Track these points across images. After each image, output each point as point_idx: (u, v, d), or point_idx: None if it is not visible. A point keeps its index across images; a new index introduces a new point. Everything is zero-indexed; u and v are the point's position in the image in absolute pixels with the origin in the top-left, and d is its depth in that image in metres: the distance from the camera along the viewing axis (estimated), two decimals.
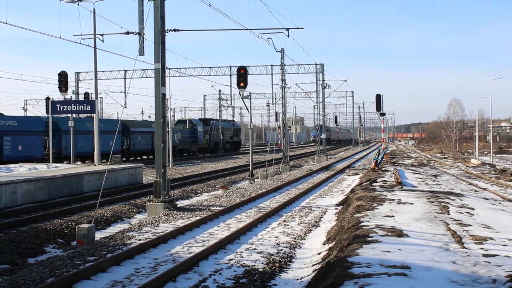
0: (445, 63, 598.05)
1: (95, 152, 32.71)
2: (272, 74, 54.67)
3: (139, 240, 14.50)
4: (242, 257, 12.75)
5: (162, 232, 15.39)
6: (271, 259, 12.59)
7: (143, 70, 57.21)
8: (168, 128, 39.93)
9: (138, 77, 57.68)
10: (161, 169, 20.10)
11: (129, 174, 30.61)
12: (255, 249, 13.67)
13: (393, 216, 14.86)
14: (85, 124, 44.79)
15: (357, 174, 38.22)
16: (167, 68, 23.74)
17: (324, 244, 14.45)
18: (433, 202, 18.25)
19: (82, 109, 31.55)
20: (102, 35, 32.71)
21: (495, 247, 10.84)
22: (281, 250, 13.68)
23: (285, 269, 11.94)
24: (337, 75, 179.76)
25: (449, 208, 16.76)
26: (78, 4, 28.04)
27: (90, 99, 49.08)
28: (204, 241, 14.59)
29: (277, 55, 44.83)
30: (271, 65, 54.75)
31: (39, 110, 77.49)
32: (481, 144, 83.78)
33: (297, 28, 31.03)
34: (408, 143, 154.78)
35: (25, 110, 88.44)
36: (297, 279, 11.15)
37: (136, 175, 31.44)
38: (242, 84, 26.94)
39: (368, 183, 26.66)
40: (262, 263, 12.20)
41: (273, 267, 11.87)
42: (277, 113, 54.99)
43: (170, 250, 13.47)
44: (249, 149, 36.49)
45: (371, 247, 10.76)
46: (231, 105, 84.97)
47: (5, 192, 20.92)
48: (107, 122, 50.19)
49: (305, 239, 15.31)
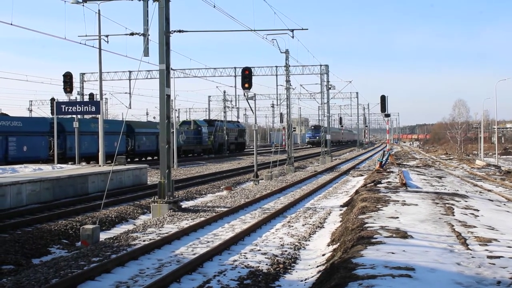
0: (450, 64, 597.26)
1: (100, 153, 32.74)
2: (276, 75, 54.67)
3: (144, 241, 14.51)
4: (247, 258, 12.75)
5: (167, 233, 15.40)
6: (275, 260, 12.59)
7: (148, 71, 57.30)
8: (173, 129, 39.97)
9: (143, 78, 57.74)
10: (165, 170, 20.11)
11: (133, 175, 30.64)
12: (259, 250, 13.66)
13: (397, 218, 14.84)
14: (90, 125, 44.87)
15: (361, 175, 38.17)
16: (171, 69, 23.73)
17: (328, 245, 14.43)
18: (437, 203, 18.22)
19: (87, 110, 31.62)
20: (107, 36, 32.80)
21: (499, 248, 10.81)
22: (286, 251, 13.67)
23: (289, 270, 11.93)
24: (342, 76, 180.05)
25: (453, 209, 16.72)
26: (83, 5, 28.06)
27: (95, 100, 49.16)
28: (208, 242, 14.59)
29: (282, 56, 44.93)
30: (276, 66, 54.75)
31: (44, 111, 77.58)
32: (486, 146, 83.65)
33: (302, 29, 31.03)
34: (413, 144, 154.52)
35: (30, 111, 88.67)
36: (301, 280, 11.14)
37: (140, 176, 31.47)
38: (246, 85, 26.94)
39: (372, 184, 26.61)
40: (266, 264, 12.19)
41: (277, 268, 11.87)
42: (281, 114, 55.05)
43: (174, 251, 13.48)
44: (253, 150, 36.49)
45: (375, 249, 10.75)
46: (235, 106, 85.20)
47: (10, 192, 20.96)
48: (112, 123, 50.23)
49: (309, 240, 15.30)
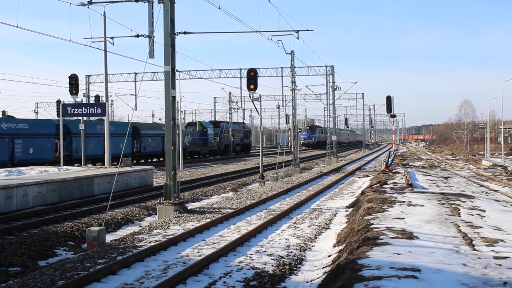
0: (457, 64, 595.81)
1: (105, 154, 32.80)
2: (282, 76, 54.70)
3: (150, 242, 14.52)
4: (252, 259, 12.75)
5: (173, 235, 15.41)
6: (281, 261, 12.59)
7: (153, 72, 57.40)
8: (179, 131, 40.00)
9: (149, 79, 57.86)
10: (171, 172, 20.13)
11: (139, 177, 30.67)
12: (265, 251, 13.66)
13: (403, 218, 14.81)
14: (95, 126, 44.94)
15: (367, 176, 38.15)
16: (177, 71, 23.76)
17: (334, 246, 14.42)
18: (443, 204, 18.18)
19: (93, 112, 31.70)
20: (113, 38, 32.84)
21: (506, 249, 10.77)
22: (291, 252, 13.67)
23: (295, 272, 11.93)
24: (347, 77, 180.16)
25: (459, 210, 16.68)
26: (89, 7, 28.14)
27: (100, 102, 49.29)
28: (214, 243, 14.60)
29: (287, 57, 44.89)
30: (281, 67, 54.78)
31: (50, 113, 77.85)
32: (493, 146, 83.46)
33: (307, 30, 31.10)
34: (419, 145, 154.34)
35: (36, 113, 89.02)
36: (307, 282, 11.13)
37: (146, 177, 31.50)
38: (252, 87, 26.95)
39: (378, 185, 26.58)
40: (272, 265, 12.19)
41: (283, 270, 11.87)
42: (287, 115, 55.04)
43: (180, 252, 13.49)
44: (259, 151, 36.49)
45: (381, 250, 10.73)
46: (241, 107, 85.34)
47: (17, 194, 21.03)
48: (118, 124, 50.30)
49: (315, 242, 15.29)
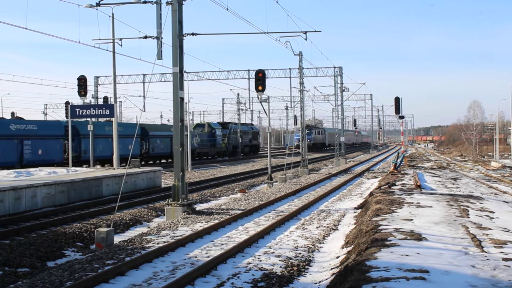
0: (465, 65, 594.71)
1: (114, 156, 32.88)
2: (290, 78, 54.82)
3: (158, 243, 14.53)
4: (261, 260, 12.74)
5: (181, 236, 15.41)
6: (289, 262, 12.57)
7: (161, 74, 57.60)
8: (187, 132, 40.02)
9: (157, 81, 58.05)
10: (179, 173, 20.15)
11: (147, 178, 30.71)
12: (273, 252, 13.65)
13: (412, 220, 14.78)
14: (104, 128, 45.03)
15: (376, 178, 38.08)
16: (185, 72, 23.80)
17: (342, 247, 14.40)
18: (452, 205, 18.13)
19: (101, 113, 31.76)
20: (121, 39, 32.89)
21: None
22: (300, 253, 13.65)
23: (303, 273, 11.91)
24: (355, 78, 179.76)
25: (468, 211, 16.63)
26: (97, 9, 28.21)
27: (109, 103, 49.38)
28: (222, 244, 14.60)
29: (295, 58, 44.88)
30: (289, 69, 54.88)
31: (58, 114, 78.17)
32: (502, 147, 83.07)
33: (315, 31, 30.99)
34: (427, 146, 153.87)
35: (45, 114, 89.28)
36: (315, 283, 11.12)
37: (154, 178, 31.54)
38: (260, 88, 26.92)
39: (387, 186, 26.52)
40: (280, 266, 12.18)
41: (291, 271, 11.85)
42: (295, 117, 54.96)
43: (188, 253, 13.49)
44: (267, 153, 36.48)
45: (389, 251, 10.71)
46: (249, 108, 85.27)
47: (25, 195, 21.09)
48: (126, 126, 50.39)
49: (323, 243, 15.27)
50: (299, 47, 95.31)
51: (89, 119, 35.24)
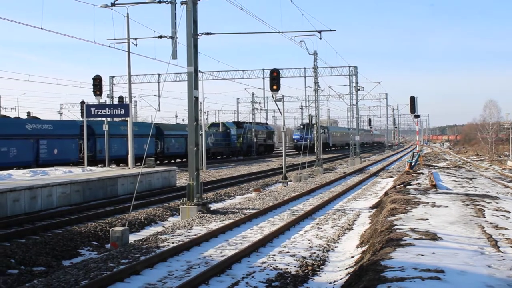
0: (481, 64, 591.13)
1: (129, 155, 32.99)
2: (305, 77, 54.69)
3: (172, 242, 14.56)
4: (275, 260, 12.72)
5: (195, 235, 15.43)
6: (304, 262, 12.55)
7: (176, 73, 57.62)
8: (202, 131, 40.07)
9: (172, 80, 58.13)
10: (194, 172, 20.17)
11: (162, 177, 30.77)
12: (288, 252, 13.63)
13: (427, 219, 14.70)
14: (119, 127, 45.20)
15: (391, 177, 37.94)
16: (200, 72, 23.83)
17: (357, 247, 14.35)
18: (468, 205, 18.02)
19: (116, 112, 31.89)
20: (136, 39, 32.98)
21: None
22: (314, 253, 13.62)
23: (318, 273, 11.89)
24: (370, 77, 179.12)
25: (484, 211, 16.52)
26: (112, 9, 28.26)
27: (124, 102, 49.55)
28: (237, 244, 14.60)
29: (310, 57, 44.84)
30: (304, 68, 54.76)
31: (74, 114, 78.59)
32: None
33: (330, 30, 30.97)
34: (443, 145, 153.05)
35: (61, 114, 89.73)
36: (330, 283, 11.09)
37: (169, 178, 31.60)
38: (275, 87, 26.89)
39: (402, 186, 26.41)
40: (295, 266, 12.16)
41: (306, 270, 11.83)
42: (310, 116, 54.84)
43: (203, 253, 13.50)
44: (282, 152, 36.43)
45: (404, 251, 10.66)
46: (264, 108, 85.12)
47: (41, 195, 21.21)
48: (141, 125, 50.53)
49: (338, 242, 15.24)
50: (313, 46, 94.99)
51: (104, 118, 35.43)
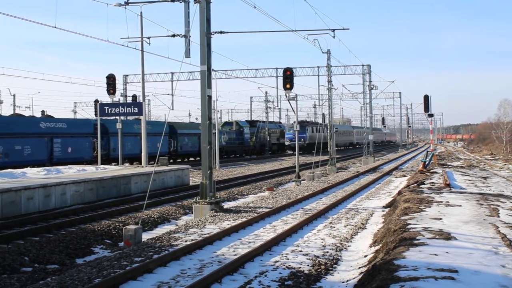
0: (495, 63, 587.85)
1: (142, 154, 33.08)
2: (318, 76, 54.49)
3: (185, 241, 14.57)
4: (288, 259, 12.71)
5: (208, 234, 15.44)
6: (316, 261, 12.52)
7: (189, 72, 57.59)
8: (215, 130, 40.11)
9: (185, 79, 58.05)
10: (207, 171, 20.18)
11: (176, 176, 30.84)
12: (300, 251, 13.61)
13: (441, 219, 14.63)
14: (133, 126, 45.36)
15: (404, 176, 37.80)
16: (213, 70, 23.85)
17: (370, 246, 14.31)
18: (482, 204, 17.91)
19: (130, 111, 32.02)
20: (149, 38, 33.03)
21: None
22: (327, 252, 13.59)
23: (330, 272, 11.86)
24: (384, 76, 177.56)
25: (499, 210, 16.42)
26: (125, 8, 28.33)
27: (137, 101, 49.69)
28: (249, 242, 14.59)
29: (323, 56, 44.75)
30: (317, 67, 54.58)
31: (88, 113, 79.04)
32: None
33: (343, 29, 30.92)
34: (457, 144, 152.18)
35: (75, 112, 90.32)
36: (343, 282, 11.06)
37: (182, 176, 31.67)
38: (288, 86, 26.88)
39: (415, 185, 26.29)
40: (308, 265, 12.14)
41: (319, 269, 11.80)
42: (323, 115, 54.74)
43: (216, 251, 13.51)
44: (295, 151, 36.40)
45: (418, 250, 10.61)
46: (277, 106, 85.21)
47: (55, 193, 21.33)
48: (155, 124, 50.65)
49: (351, 242, 15.19)
50: (327, 45, 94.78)
51: (118, 117, 35.53)
